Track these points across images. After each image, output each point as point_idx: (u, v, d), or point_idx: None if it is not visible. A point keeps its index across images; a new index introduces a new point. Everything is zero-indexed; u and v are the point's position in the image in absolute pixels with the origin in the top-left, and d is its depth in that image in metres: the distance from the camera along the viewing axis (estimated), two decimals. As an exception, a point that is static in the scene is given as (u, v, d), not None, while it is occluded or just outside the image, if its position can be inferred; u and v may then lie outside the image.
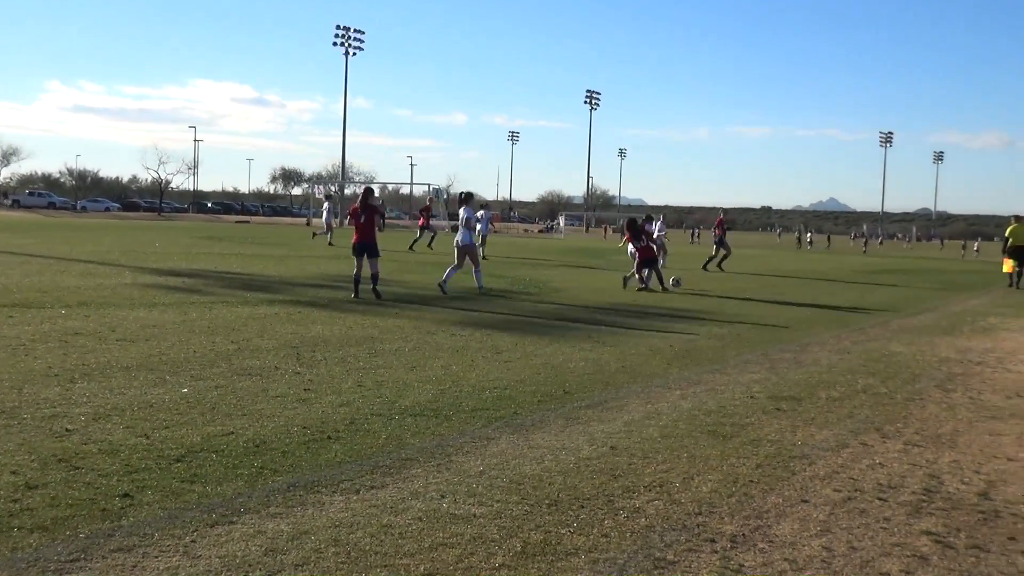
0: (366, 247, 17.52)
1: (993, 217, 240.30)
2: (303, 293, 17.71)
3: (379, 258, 17.75)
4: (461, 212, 20.21)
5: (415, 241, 38.98)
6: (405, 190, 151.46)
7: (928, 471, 6.86)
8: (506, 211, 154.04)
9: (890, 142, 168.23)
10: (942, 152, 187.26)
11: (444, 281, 19.19)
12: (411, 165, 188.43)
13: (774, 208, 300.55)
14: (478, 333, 13.02)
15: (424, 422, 7.63)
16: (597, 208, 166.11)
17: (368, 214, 17.74)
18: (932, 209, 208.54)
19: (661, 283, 22.57)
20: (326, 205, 42.22)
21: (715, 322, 15.78)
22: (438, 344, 11.88)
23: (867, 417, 8.64)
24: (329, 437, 7.02)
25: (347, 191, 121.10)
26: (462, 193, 20.76)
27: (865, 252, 73.42)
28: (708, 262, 33.43)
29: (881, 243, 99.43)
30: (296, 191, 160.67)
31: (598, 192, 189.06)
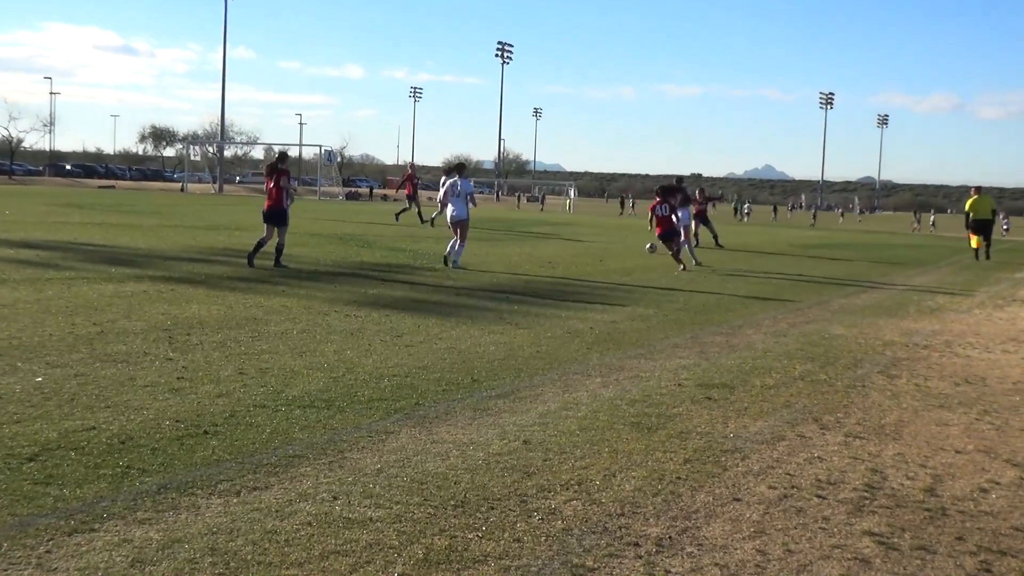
0: (274, 214, 18.63)
1: (941, 187, 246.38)
2: (176, 268, 17.45)
3: (287, 228, 18.76)
4: (457, 184, 21.14)
5: (403, 211, 38.68)
6: (294, 152, 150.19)
7: (870, 465, 7.00)
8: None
9: (831, 104, 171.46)
10: (887, 115, 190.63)
11: (456, 261, 20.47)
12: (300, 124, 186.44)
13: (705, 175, 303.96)
14: (375, 314, 12.96)
15: (314, 414, 7.57)
16: (509, 174, 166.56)
17: (277, 180, 18.75)
18: (876, 178, 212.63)
19: (679, 259, 23.00)
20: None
21: (640, 302, 15.91)
22: (330, 326, 11.80)
23: (805, 407, 8.79)
24: (206, 432, 6.92)
25: (227, 153, 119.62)
26: (455, 163, 21.85)
27: (813, 225, 74.45)
28: (715, 240, 33.79)
29: (843, 216, 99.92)
30: (169, 152, 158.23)
31: (511, 156, 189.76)
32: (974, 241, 31.47)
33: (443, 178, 21.90)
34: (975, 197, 31.25)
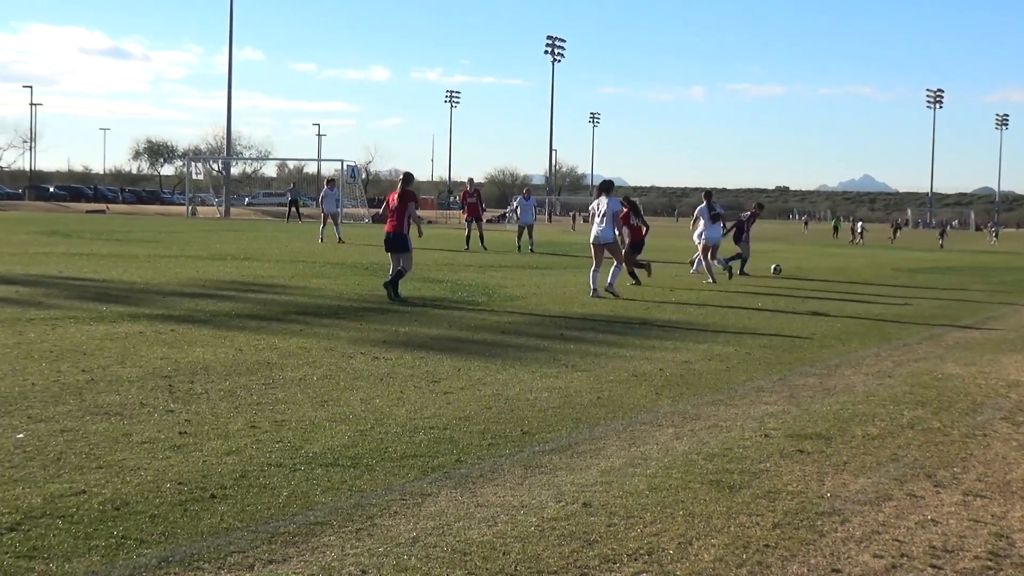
0: (394, 239, 20.01)
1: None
2: (177, 305, 17.57)
3: (411, 255, 20.07)
4: (605, 203, 22.49)
5: (481, 237, 39.21)
6: (311, 168, 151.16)
7: (994, 529, 6.93)
8: (444, 195, 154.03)
9: (940, 103, 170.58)
10: (1006, 115, 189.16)
11: (611, 284, 22.02)
12: (318, 135, 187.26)
13: (793, 189, 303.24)
14: (408, 356, 13.00)
15: (338, 474, 7.60)
16: (563, 190, 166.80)
17: (402, 202, 20.20)
18: (995, 188, 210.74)
19: (634, 272, 25.45)
20: (324, 191, 42.84)
21: (718, 338, 15.87)
22: (356, 371, 11.85)
23: (915, 460, 8.71)
24: (213, 496, 6.96)
25: (234, 170, 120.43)
26: (603, 182, 23.61)
27: (943, 246, 73.72)
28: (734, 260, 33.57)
29: (996, 236, 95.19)
30: (167, 170, 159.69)
31: (564, 170, 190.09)
32: None
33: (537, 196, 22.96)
34: None
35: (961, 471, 8.41)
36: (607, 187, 23.18)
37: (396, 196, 20.46)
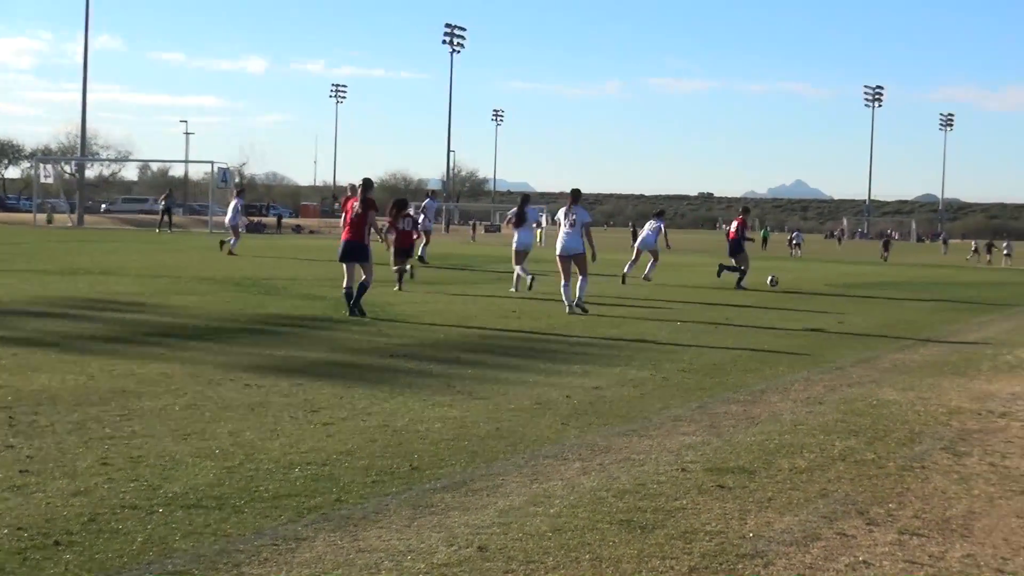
0: (355, 248, 20.75)
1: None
2: (20, 325, 17.35)
3: (370, 264, 20.75)
4: (575, 212, 23.77)
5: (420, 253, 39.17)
6: (178, 171, 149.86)
7: (932, 571, 7.02)
8: (328, 202, 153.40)
9: (879, 101, 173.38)
10: (951, 115, 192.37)
11: (580, 299, 23.30)
12: (185, 134, 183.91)
13: (717, 195, 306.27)
14: (283, 382, 12.92)
15: (202, 516, 7.53)
16: (461, 197, 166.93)
17: (365, 209, 20.91)
18: (939, 196, 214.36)
19: (402, 277, 27.17)
20: (234, 202, 42.55)
21: (632, 360, 15.93)
22: (224, 400, 11.76)
23: (847, 495, 8.81)
24: (57, 542, 6.87)
25: (89, 172, 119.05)
26: (573, 190, 24.74)
27: (885, 259, 74.73)
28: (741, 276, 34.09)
29: (980, 253, 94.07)
30: (12, 173, 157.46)
31: (464, 174, 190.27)
32: None
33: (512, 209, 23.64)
34: None
35: (896, 507, 8.51)
36: (577, 195, 24.19)
37: (357, 203, 21.17)
